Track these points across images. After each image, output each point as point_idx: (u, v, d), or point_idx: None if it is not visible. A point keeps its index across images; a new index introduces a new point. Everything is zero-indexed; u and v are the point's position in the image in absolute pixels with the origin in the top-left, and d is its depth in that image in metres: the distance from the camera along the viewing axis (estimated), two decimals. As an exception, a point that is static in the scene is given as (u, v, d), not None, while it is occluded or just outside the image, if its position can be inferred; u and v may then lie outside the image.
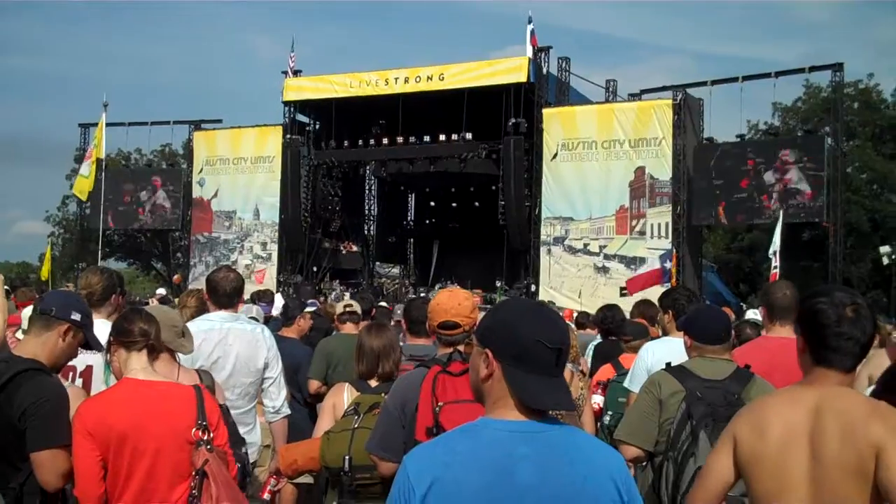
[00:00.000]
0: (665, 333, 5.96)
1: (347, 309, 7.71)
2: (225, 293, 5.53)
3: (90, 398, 3.78)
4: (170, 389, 3.69)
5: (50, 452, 3.46)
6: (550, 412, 2.30)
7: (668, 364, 4.40)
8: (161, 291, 21.16)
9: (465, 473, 2.15)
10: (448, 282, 29.21)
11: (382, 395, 4.54)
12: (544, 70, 29.54)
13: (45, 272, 25.48)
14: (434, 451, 2.25)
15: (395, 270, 39.81)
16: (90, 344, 3.94)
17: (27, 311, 4.57)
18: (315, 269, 33.09)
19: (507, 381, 2.23)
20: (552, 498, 2.14)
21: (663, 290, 9.33)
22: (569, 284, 28.05)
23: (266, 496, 7.11)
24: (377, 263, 38.83)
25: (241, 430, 5.40)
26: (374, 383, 4.79)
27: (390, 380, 4.70)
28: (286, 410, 5.71)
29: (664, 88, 28.56)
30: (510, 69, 29.05)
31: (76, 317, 3.79)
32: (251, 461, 5.54)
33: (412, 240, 40.75)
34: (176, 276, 33.44)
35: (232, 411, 5.30)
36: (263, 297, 10.36)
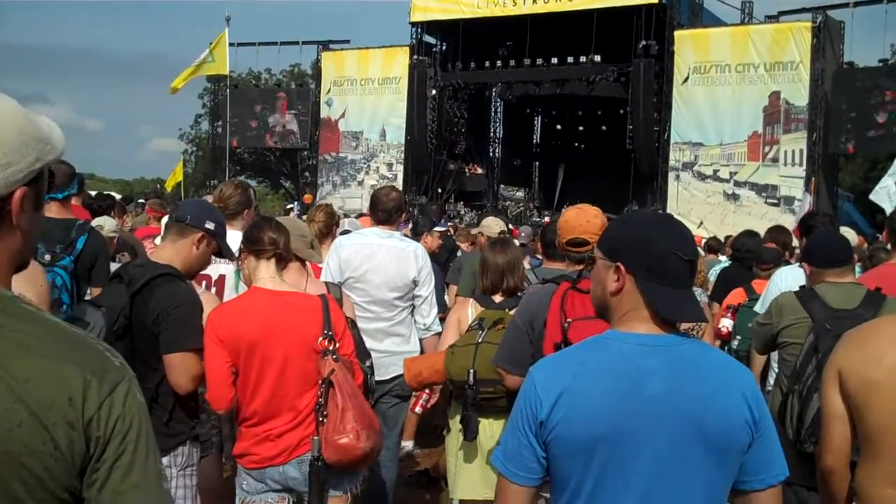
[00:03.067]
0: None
1: (501, 234, 8.57)
2: (385, 209, 5.68)
3: (221, 306, 3.86)
4: (297, 299, 3.74)
5: (180, 356, 3.56)
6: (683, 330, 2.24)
7: (802, 287, 4.28)
8: (294, 209, 21.44)
9: (593, 385, 2.11)
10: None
11: (507, 310, 4.53)
12: (677, -10, 28.60)
13: (169, 184, 25.75)
14: (562, 362, 2.22)
15: (520, 193, 39.53)
16: (223, 253, 4.01)
17: (166, 219, 4.67)
18: (440, 190, 33.17)
19: (641, 293, 2.16)
20: (682, 411, 2.08)
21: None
22: (697, 211, 27.50)
23: (418, 410, 7.34)
24: (502, 186, 38.66)
25: (396, 340, 5.55)
26: (498, 299, 4.79)
27: (514, 295, 4.70)
28: (437, 328, 5.77)
29: (803, 10, 27.28)
30: (642, -11, 28.20)
31: (210, 226, 3.85)
32: None
33: (537, 163, 40.43)
34: (306, 195, 33.92)
35: (382, 323, 5.47)
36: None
